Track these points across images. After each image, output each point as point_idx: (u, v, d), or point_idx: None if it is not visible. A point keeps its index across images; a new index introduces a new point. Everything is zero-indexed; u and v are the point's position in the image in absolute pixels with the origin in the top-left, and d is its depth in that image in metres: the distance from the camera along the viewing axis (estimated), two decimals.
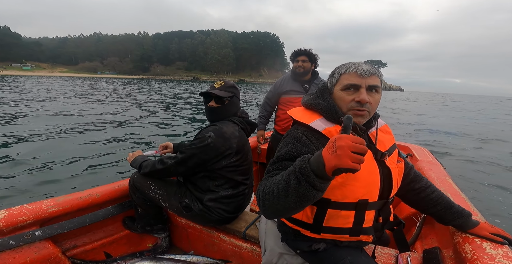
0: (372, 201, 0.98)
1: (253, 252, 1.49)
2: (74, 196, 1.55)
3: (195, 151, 1.38)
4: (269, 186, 0.79)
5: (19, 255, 1.32)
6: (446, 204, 1.13)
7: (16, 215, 1.33)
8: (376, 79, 0.92)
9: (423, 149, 2.62)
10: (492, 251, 0.99)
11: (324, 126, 0.95)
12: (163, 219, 1.76)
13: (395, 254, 1.21)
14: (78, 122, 8.23)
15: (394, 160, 1.04)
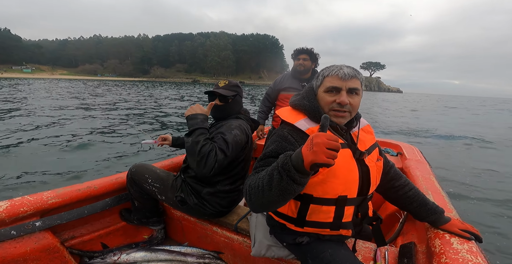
0: (351, 197, 1.03)
1: (243, 244, 1.56)
2: (73, 188, 1.60)
3: (226, 152, 1.33)
4: (255, 181, 0.85)
5: (20, 244, 1.37)
6: (422, 201, 1.19)
7: (18, 206, 1.38)
8: (356, 82, 0.97)
9: (413, 147, 2.69)
10: (458, 246, 1.05)
11: (307, 126, 1.00)
12: (159, 212, 1.82)
13: (374, 248, 1.27)
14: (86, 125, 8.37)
15: (373, 159, 1.09)
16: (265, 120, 2.98)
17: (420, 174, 1.89)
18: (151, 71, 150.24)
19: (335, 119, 0.99)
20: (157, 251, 1.66)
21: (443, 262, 0.98)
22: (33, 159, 4.74)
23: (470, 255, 0.99)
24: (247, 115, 1.64)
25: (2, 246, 1.32)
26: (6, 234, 1.34)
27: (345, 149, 0.99)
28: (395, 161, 2.40)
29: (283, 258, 1.31)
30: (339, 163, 0.96)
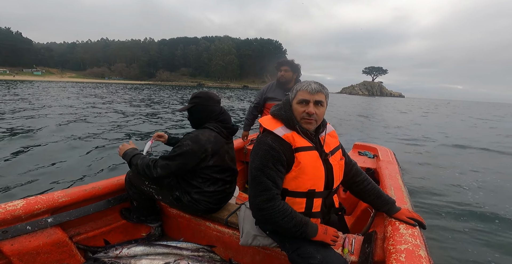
0: (318, 190, 1.25)
1: (233, 236, 1.70)
2: (80, 188, 1.73)
3: (176, 159, 1.55)
4: (282, 215, 1.16)
5: (34, 239, 1.49)
6: (377, 194, 1.39)
7: (32, 204, 1.50)
8: (321, 95, 1.19)
9: (388, 150, 2.94)
10: (404, 231, 1.24)
11: (283, 132, 1.20)
12: (156, 210, 1.96)
13: (344, 236, 1.41)
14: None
15: (337, 158, 1.31)
16: (250, 126, 3.16)
17: (388, 172, 2.13)
18: (157, 75, 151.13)
19: (305, 125, 1.21)
20: (155, 245, 1.78)
21: (390, 244, 1.16)
22: (45, 158, 4.97)
23: (411, 238, 1.18)
24: (222, 122, 1.69)
25: (18, 240, 1.44)
26: (22, 229, 1.46)
27: (313, 151, 1.22)
28: (371, 162, 2.63)
29: (267, 246, 1.45)
30: (308, 163, 1.19)
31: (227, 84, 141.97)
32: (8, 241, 1.41)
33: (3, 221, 1.39)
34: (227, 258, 1.77)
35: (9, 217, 1.41)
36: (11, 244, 1.41)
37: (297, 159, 1.19)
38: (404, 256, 1.05)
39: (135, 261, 1.61)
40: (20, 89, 27.16)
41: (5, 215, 1.39)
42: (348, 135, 9.67)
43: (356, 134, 10.15)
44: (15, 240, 1.43)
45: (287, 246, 1.28)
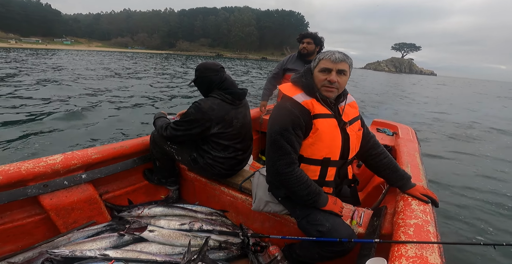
0: (334, 159, 1.22)
1: (246, 202, 1.71)
2: (110, 146, 1.75)
3: (182, 125, 1.61)
4: (298, 182, 1.16)
5: (70, 194, 1.53)
6: (393, 168, 1.33)
7: (70, 159, 1.52)
8: (345, 65, 1.13)
9: (409, 128, 2.75)
10: (416, 207, 1.20)
11: (303, 99, 1.17)
12: (175, 173, 2.00)
13: (353, 209, 1.39)
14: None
15: (355, 129, 1.25)
16: (268, 96, 3.08)
17: (406, 150, 2.02)
18: (177, 45, 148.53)
19: (325, 93, 1.17)
20: (173, 207, 1.85)
21: (400, 218, 1.13)
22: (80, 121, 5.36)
23: (422, 214, 1.15)
24: (227, 90, 1.64)
25: (56, 195, 1.48)
26: (60, 183, 1.49)
27: (331, 119, 1.18)
28: (389, 139, 2.49)
29: (278, 213, 1.46)
30: (325, 130, 1.16)
31: (245, 55, 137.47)
32: (48, 195, 1.46)
33: (44, 174, 1.42)
34: (238, 223, 1.82)
35: (50, 171, 1.44)
36: (50, 198, 1.46)
37: (315, 125, 1.15)
38: (412, 230, 1.03)
39: (155, 221, 1.68)
40: (56, 57, 27.82)
41: (46, 169, 1.42)
42: (368, 112, 9.20)
43: (377, 112, 9.57)
44: (54, 194, 1.48)
45: (298, 213, 1.28)
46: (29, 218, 1.47)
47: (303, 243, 1.38)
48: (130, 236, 1.53)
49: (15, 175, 1.34)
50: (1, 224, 1.39)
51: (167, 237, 1.55)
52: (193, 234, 1.59)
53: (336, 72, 1.13)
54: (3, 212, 1.42)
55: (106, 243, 1.46)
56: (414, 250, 0.93)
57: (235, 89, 1.66)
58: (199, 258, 1.39)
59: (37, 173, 1.40)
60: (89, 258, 1.31)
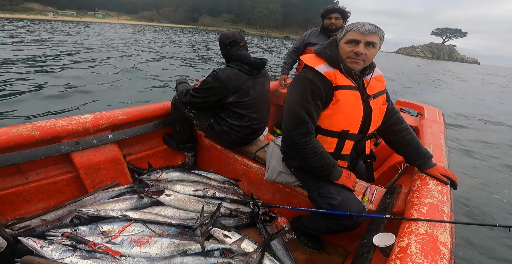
0: (352, 132, 1.15)
1: (259, 171, 1.67)
2: (134, 108, 1.74)
3: (200, 92, 1.59)
4: (313, 153, 1.10)
5: (98, 153, 1.55)
6: (415, 146, 1.24)
7: (98, 119, 1.52)
8: (375, 37, 1.03)
9: (437, 110, 2.52)
10: (433, 186, 1.12)
11: (325, 69, 1.09)
12: (193, 138, 1.99)
13: (366, 185, 1.33)
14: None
15: (379, 102, 1.17)
16: (288, 70, 2.95)
17: (430, 131, 1.85)
18: (200, 20, 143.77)
19: (350, 65, 1.08)
20: (189, 173, 1.84)
21: (415, 196, 1.07)
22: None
23: (439, 194, 1.07)
24: (243, 60, 1.59)
25: (86, 153, 1.50)
26: (90, 142, 1.51)
27: (354, 91, 1.10)
28: (413, 120, 2.27)
29: (290, 184, 1.41)
30: (347, 102, 1.09)
31: (268, 33, 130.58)
32: (79, 152, 1.48)
33: (76, 132, 1.43)
34: (249, 193, 1.79)
35: (81, 129, 1.45)
36: (81, 156, 1.49)
37: (336, 96, 1.08)
38: (426, 209, 0.97)
39: (171, 186, 1.68)
40: (91, 29, 28.12)
41: (78, 127, 1.43)
42: (397, 94, 8.45)
43: (406, 96, 8.68)
44: (84, 152, 1.50)
45: (310, 185, 1.24)
46: (62, 175, 1.51)
47: (312, 216, 1.34)
48: (149, 199, 1.55)
49: (50, 131, 1.35)
50: (37, 180, 1.44)
51: (182, 201, 1.55)
52: (206, 201, 1.59)
53: (364, 44, 1.03)
54: (39, 168, 1.46)
55: (127, 204, 1.49)
56: (425, 227, 0.89)
57: (250, 60, 1.60)
58: (211, 223, 1.39)
59: (70, 131, 1.42)
60: (112, 217, 1.34)
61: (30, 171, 1.43)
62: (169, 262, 1.11)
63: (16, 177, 1.39)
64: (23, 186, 1.39)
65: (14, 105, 3.99)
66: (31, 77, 5.43)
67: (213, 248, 1.25)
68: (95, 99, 4.57)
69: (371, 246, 0.96)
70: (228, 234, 1.36)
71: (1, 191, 1.32)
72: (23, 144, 1.28)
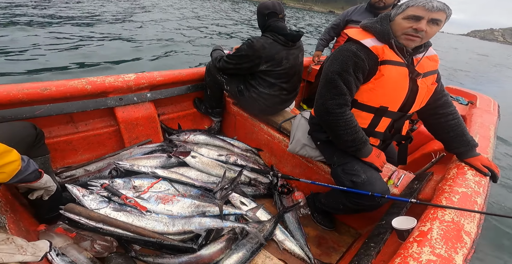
0: (391, 110, 1.04)
1: (282, 143, 1.61)
2: (170, 72, 1.73)
3: (234, 59, 1.55)
4: (345, 126, 1.02)
5: (137, 109, 1.60)
6: (460, 132, 1.10)
7: (140, 78, 1.55)
8: (442, 14, 0.92)
9: (492, 101, 2.12)
10: (471, 177, 1.00)
11: (373, 44, 0.99)
12: (221, 104, 1.96)
13: (394, 169, 1.21)
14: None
15: (427, 82, 1.05)
16: (324, 47, 2.66)
17: (480, 120, 1.59)
18: None
19: (404, 41, 0.98)
20: (214, 137, 1.81)
21: (448, 184, 0.96)
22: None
23: (475, 185, 0.97)
24: (279, 31, 1.53)
25: (127, 108, 1.56)
26: (132, 99, 1.56)
27: (402, 67, 0.99)
28: (461, 108, 1.95)
29: (312, 158, 1.35)
30: (392, 78, 0.98)
31: (310, 6, 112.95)
32: (121, 108, 1.54)
33: (120, 89, 1.49)
34: (270, 164, 1.73)
35: (125, 86, 1.50)
36: (123, 111, 1.55)
37: (380, 71, 0.99)
38: (457, 198, 0.90)
39: (197, 148, 1.68)
40: None
41: (122, 84, 1.48)
42: (450, 79, 7.16)
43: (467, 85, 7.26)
44: (126, 108, 1.56)
45: (335, 159, 1.16)
46: (105, 128, 1.59)
47: (331, 192, 1.27)
48: (176, 159, 1.57)
49: (100, 86, 1.41)
50: (85, 131, 1.53)
51: (205, 165, 1.55)
52: (228, 166, 1.57)
53: (428, 20, 0.92)
54: (87, 119, 1.54)
55: (156, 162, 1.53)
56: (452, 216, 0.83)
57: (286, 31, 1.52)
58: (231, 188, 1.38)
59: (116, 87, 1.47)
60: (143, 173, 1.39)
61: (80, 122, 1.52)
62: (188, 221, 1.14)
63: (68, 126, 1.48)
64: (73, 135, 1.48)
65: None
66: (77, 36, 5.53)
67: (230, 212, 1.26)
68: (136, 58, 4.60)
69: (389, 227, 0.92)
70: (244, 201, 1.36)
71: (55, 138, 1.42)
72: (77, 95, 1.36)
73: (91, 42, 5.26)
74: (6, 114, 1.18)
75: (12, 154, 0.72)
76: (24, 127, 0.98)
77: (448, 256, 0.69)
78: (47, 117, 1.33)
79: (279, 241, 1.23)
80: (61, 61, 4.10)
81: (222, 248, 1.09)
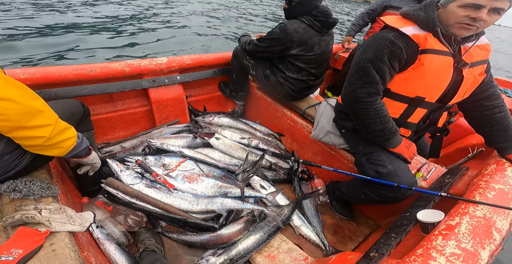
0: (428, 100, 0.96)
1: (305, 129, 1.56)
2: (198, 56, 1.73)
3: (265, 42, 1.50)
4: (375, 116, 0.94)
5: (168, 91, 1.64)
6: (505, 126, 1.00)
7: (171, 62, 1.58)
8: (506, 3, 0.81)
9: None
10: (510, 173, 0.91)
11: (414, 32, 0.89)
12: (246, 88, 1.93)
13: (424, 162, 1.13)
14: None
15: (475, 72, 0.94)
16: (356, 32, 2.41)
17: None
18: None
19: (457, 31, 0.87)
20: (237, 121, 1.79)
21: (484, 180, 0.89)
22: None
23: None
24: (318, 16, 1.45)
25: (159, 90, 1.62)
26: (163, 81, 1.61)
27: (447, 57, 0.89)
28: (509, 102, 1.63)
29: (335, 146, 1.30)
30: (434, 67, 0.89)
31: None
32: (154, 89, 1.59)
33: (153, 71, 1.53)
34: (291, 150, 1.67)
35: (158, 69, 1.53)
36: (155, 92, 1.60)
37: (419, 60, 0.90)
38: (493, 194, 0.83)
39: (221, 130, 1.68)
40: None
41: (155, 67, 1.52)
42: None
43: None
44: (158, 89, 1.61)
45: (360, 148, 1.10)
46: (139, 108, 1.64)
47: (352, 182, 1.22)
48: (201, 139, 1.59)
49: (137, 68, 1.46)
50: (122, 110, 1.60)
51: (228, 147, 1.55)
52: (250, 150, 1.55)
53: (489, 9, 0.80)
54: (125, 98, 1.61)
55: (183, 142, 1.56)
56: (484, 212, 0.77)
57: (326, 18, 1.45)
58: (253, 171, 1.37)
59: (150, 70, 1.51)
60: (172, 152, 1.43)
61: (118, 101, 1.59)
62: (211, 201, 1.18)
63: (109, 105, 1.57)
64: (112, 113, 1.56)
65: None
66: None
67: (251, 195, 1.27)
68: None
69: (413, 220, 0.87)
70: (264, 185, 1.35)
71: (97, 115, 1.51)
72: (117, 77, 1.43)
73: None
74: (59, 92, 1.28)
75: (71, 131, 0.77)
76: (74, 105, 1.04)
77: (474, 251, 0.65)
78: (91, 96, 1.41)
79: (295, 226, 1.23)
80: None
81: (241, 229, 1.11)
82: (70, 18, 5.24)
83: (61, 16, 5.32)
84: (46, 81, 1.22)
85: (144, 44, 4.51)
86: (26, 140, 0.68)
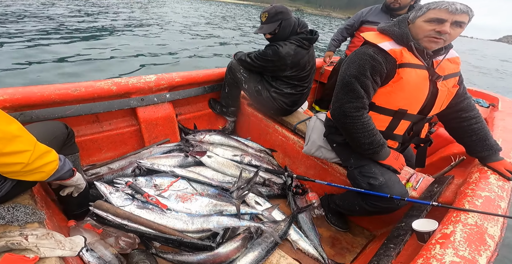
0: (410, 112, 0.98)
1: (297, 144, 1.54)
2: (188, 73, 1.68)
3: (260, 60, 1.49)
4: (363, 129, 0.96)
5: (157, 109, 1.56)
6: (483, 136, 1.03)
7: (160, 80, 1.51)
8: (465, 17, 0.86)
9: None
10: (494, 181, 0.94)
11: (391, 47, 0.93)
12: (237, 103, 1.89)
13: (412, 172, 1.14)
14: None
15: (448, 85, 0.98)
16: (336, 48, 2.47)
17: (502, 124, 1.47)
18: None
19: (427, 44, 0.91)
20: (229, 138, 1.75)
21: (470, 188, 0.90)
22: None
23: (499, 189, 0.91)
24: (303, 33, 1.46)
25: (148, 109, 1.52)
26: (152, 99, 1.52)
27: (422, 70, 0.93)
28: (482, 111, 1.80)
29: (327, 160, 1.28)
30: (412, 81, 0.92)
31: (328, 12, 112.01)
32: (143, 108, 1.50)
33: (142, 90, 1.45)
34: (283, 165, 1.66)
35: (146, 87, 1.45)
36: (144, 111, 1.51)
37: (398, 74, 0.93)
38: (480, 202, 0.84)
39: (212, 148, 1.63)
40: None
41: (144, 85, 1.44)
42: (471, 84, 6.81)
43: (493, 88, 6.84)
44: (147, 108, 1.52)
45: (351, 162, 1.09)
46: (127, 128, 1.55)
47: (346, 194, 1.20)
48: (193, 158, 1.52)
49: (124, 87, 1.38)
50: (109, 130, 1.50)
51: (220, 164, 1.50)
52: (242, 166, 1.51)
53: (451, 23, 0.86)
54: (111, 118, 1.51)
55: (175, 161, 1.49)
56: (475, 219, 0.78)
57: (313, 35, 1.47)
58: (247, 188, 1.32)
59: (138, 88, 1.43)
60: (163, 172, 1.35)
61: (105, 121, 1.49)
62: (207, 219, 1.09)
63: (94, 125, 1.46)
64: (98, 134, 1.45)
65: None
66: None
67: (246, 212, 1.20)
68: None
69: (408, 229, 0.87)
70: (259, 201, 1.29)
71: (82, 137, 1.40)
72: (103, 96, 1.33)
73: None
74: (41, 114, 1.16)
75: (51, 154, 0.70)
76: (57, 127, 0.96)
77: (472, 258, 0.65)
78: (76, 117, 1.31)
79: (293, 241, 1.17)
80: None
81: (239, 246, 1.03)
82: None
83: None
84: (27, 102, 1.11)
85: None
86: (3, 167, 0.60)
